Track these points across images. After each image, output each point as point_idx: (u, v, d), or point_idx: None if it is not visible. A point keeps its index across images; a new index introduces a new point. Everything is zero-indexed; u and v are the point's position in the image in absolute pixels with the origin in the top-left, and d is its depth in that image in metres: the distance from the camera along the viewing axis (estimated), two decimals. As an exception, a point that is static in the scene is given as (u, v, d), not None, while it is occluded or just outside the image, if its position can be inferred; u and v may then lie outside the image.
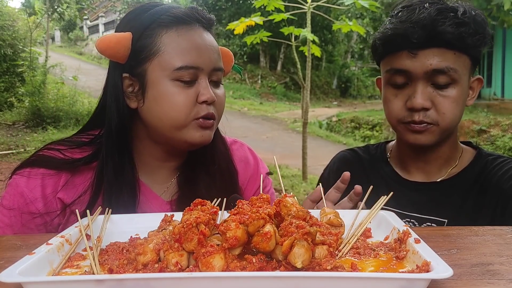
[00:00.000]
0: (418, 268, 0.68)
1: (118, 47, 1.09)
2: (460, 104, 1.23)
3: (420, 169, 1.34)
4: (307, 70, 4.57)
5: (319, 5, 4.31)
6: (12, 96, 11.38)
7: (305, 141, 4.84)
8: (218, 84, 1.16)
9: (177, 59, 1.07)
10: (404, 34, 1.18)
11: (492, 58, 16.31)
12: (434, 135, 1.22)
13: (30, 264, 0.71)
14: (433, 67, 1.17)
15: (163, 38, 1.09)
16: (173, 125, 1.09)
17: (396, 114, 1.25)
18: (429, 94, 1.20)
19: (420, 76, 1.19)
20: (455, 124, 1.25)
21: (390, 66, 1.24)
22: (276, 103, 17.69)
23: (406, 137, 1.25)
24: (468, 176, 1.29)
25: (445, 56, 1.18)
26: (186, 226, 0.72)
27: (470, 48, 1.20)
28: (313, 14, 4.42)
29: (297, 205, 0.82)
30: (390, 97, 1.27)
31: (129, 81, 1.12)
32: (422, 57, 1.18)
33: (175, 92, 1.07)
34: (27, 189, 1.11)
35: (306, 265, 0.69)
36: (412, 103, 1.19)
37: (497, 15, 11.17)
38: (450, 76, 1.18)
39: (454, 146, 1.33)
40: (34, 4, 12.74)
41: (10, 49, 11.60)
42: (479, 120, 10.92)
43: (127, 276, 0.65)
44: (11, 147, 8.62)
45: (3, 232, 1.11)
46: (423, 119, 1.20)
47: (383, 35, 1.24)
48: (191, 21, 1.12)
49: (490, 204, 1.23)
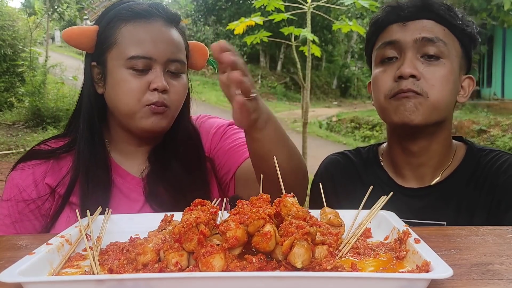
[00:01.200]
0: (418, 268, 0.68)
1: (80, 38, 1.23)
2: (450, 84, 1.20)
3: (413, 173, 1.31)
4: (307, 70, 4.57)
5: (319, 5, 4.31)
6: (12, 96, 11.37)
7: (305, 141, 4.84)
8: (178, 75, 1.23)
9: (131, 49, 1.17)
10: (395, 6, 1.24)
11: (492, 58, 16.32)
12: (423, 109, 1.17)
13: (30, 264, 0.71)
14: (423, 35, 1.19)
15: (121, 31, 1.19)
16: (126, 110, 1.19)
17: (384, 89, 1.22)
18: (419, 65, 1.19)
19: (409, 45, 1.20)
20: (444, 104, 1.20)
21: (381, 41, 1.25)
22: (276, 103, 17.68)
23: (395, 114, 1.20)
24: (462, 176, 1.27)
25: (435, 28, 1.20)
26: (186, 226, 0.72)
27: (460, 31, 1.22)
28: (313, 14, 4.42)
29: (297, 205, 0.82)
30: (379, 75, 1.25)
31: (96, 69, 1.24)
32: (412, 27, 1.21)
33: (128, 79, 1.17)
34: (20, 180, 1.24)
35: (306, 265, 0.69)
36: (400, 71, 1.18)
37: (497, 15, 11.17)
38: (439, 48, 1.19)
39: (447, 145, 1.30)
40: (34, 4, 12.73)
41: (10, 49, 11.60)
42: (479, 120, 10.92)
43: (127, 276, 0.65)
44: (11, 147, 8.63)
45: (3, 223, 1.23)
46: (411, 87, 1.17)
47: (375, 16, 1.30)
48: (149, 15, 1.21)
49: (486, 202, 1.22)
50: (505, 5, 9.31)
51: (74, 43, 1.23)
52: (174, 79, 1.22)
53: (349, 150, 1.50)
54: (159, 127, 1.21)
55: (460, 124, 10.95)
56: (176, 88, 1.22)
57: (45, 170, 1.26)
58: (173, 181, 1.26)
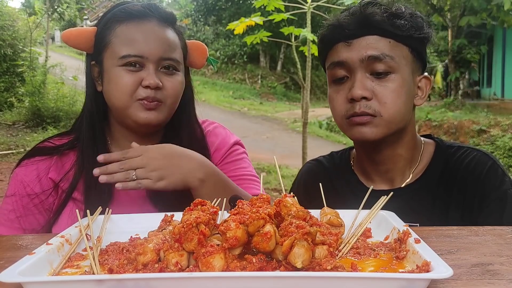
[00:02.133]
0: (418, 268, 0.68)
1: (79, 39, 1.28)
2: (402, 96, 1.19)
3: (382, 177, 1.31)
4: (307, 70, 4.57)
5: (319, 5, 4.31)
6: (12, 96, 11.36)
7: (305, 141, 4.84)
8: (173, 73, 1.26)
9: (123, 48, 1.21)
10: (337, 25, 1.22)
11: (492, 58, 16.33)
12: (379, 128, 1.18)
13: (30, 264, 0.71)
14: (369, 54, 1.17)
15: (116, 31, 1.23)
16: (120, 105, 1.23)
17: (339, 110, 1.24)
18: (369, 84, 1.18)
19: (357, 65, 1.18)
20: (400, 117, 1.20)
21: (330, 61, 1.25)
22: (276, 103, 17.69)
23: (352, 133, 1.22)
24: (432, 176, 1.27)
25: (380, 44, 1.18)
26: (186, 226, 0.72)
27: (406, 38, 1.19)
28: (313, 14, 4.42)
29: (297, 205, 0.82)
30: (333, 95, 1.26)
31: (95, 68, 1.29)
32: (357, 45, 1.19)
33: (120, 75, 1.22)
34: (24, 175, 1.28)
35: (306, 265, 0.69)
36: (351, 94, 1.18)
37: (497, 15, 11.18)
38: (387, 63, 1.17)
39: (412, 147, 1.29)
40: (34, 4, 12.73)
41: (10, 49, 11.59)
42: (479, 120, 10.93)
43: (127, 276, 0.65)
44: (11, 147, 8.62)
45: (8, 218, 1.26)
46: (364, 110, 1.17)
47: (321, 32, 1.28)
48: (142, 15, 1.24)
49: (458, 202, 1.22)
50: (505, 5, 9.31)
51: (73, 44, 1.29)
52: (169, 76, 1.25)
53: (324, 155, 1.50)
54: (154, 121, 1.23)
55: (460, 124, 10.96)
56: (170, 84, 1.24)
57: (49, 165, 1.29)
58: None
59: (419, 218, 1.20)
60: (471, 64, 16.74)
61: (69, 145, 1.31)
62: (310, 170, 1.47)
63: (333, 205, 0.99)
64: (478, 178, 1.21)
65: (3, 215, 1.27)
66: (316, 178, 1.38)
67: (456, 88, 15.70)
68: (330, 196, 1.07)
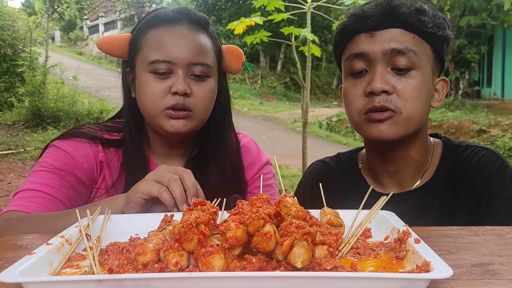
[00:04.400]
0: (418, 268, 0.68)
1: (112, 46, 1.28)
2: (423, 95, 1.16)
3: (392, 179, 1.28)
4: (307, 70, 4.57)
5: (319, 5, 4.31)
6: (12, 96, 11.36)
7: (305, 141, 4.84)
8: (203, 79, 1.23)
9: (152, 53, 1.20)
10: (361, 15, 1.18)
11: (492, 58, 16.32)
12: (398, 126, 1.14)
13: (30, 264, 0.71)
14: (392, 46, 1.13)
15: (147, 36, 1.23)
16: (148, 113, 1.23)
17: (356, 105, 1.18)
18: (390, 78, 1.14)
19: (378, 58, 1.14)
20: (419, 116, 1.17)
21: (349, 53, 1.20)
22: (276, 103, 17.69)
23: (369, 131, 1.17)
24: (442, 178, 1.24)
25: (404, 37, 1.14)
26: (186, 226, 0.72)
27: (430, 36, 1.16)
28: (313, 14, 4.42)
29: (297, 205, 0.82)
30: (349, 88, 1.20)
31: (130, 74, 1.29)
32: (380, 37, 1.15)
33: (149, 83, 1.19)
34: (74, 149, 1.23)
35: (306, 265, 0.69)
36: (371, 87, 1.13)
37: (497, 15, 11.17)
38: (410, 59, 1.13)
39: (424, 149, 1.27)
40: (34, 4, 12.71)
41: (10, 49, 11.59)
42: (479, 120, 10.92)
43: (127, 276, 0.65)
44: (11, 147, 8.62)
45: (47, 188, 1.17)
46: (384, 104, 1.12)
47: (342, 23, 1.24)
48: (173, 20, 1.23)
49: (466, 201, 1.20)
50: (505, 5, 9.31)
51: (107, 50, 1.29)
52: (199, 82, 1.22)
53: (330, 156, 1.46)
54: (182, 130, 1.21)
55: (460, 124, 10.95)
56: (200, 92, 1.21)
57: (97, 150, 1.26)
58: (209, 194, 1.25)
59: (428, 221, 1.18)
60: (471, 64, 16.74)
61: (116, 143, 1.29)
62: (316, 171, 1.43)
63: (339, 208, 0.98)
64: (487, 178, 1.19)
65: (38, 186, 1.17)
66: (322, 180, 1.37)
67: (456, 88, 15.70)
68: (337, 199, 1.05)
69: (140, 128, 1.30)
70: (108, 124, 1.35)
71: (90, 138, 1.27)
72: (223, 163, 1.31)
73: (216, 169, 1.30)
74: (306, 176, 1.47)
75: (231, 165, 1.33)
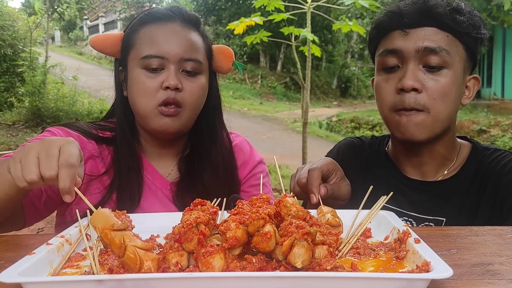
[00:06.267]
0: (418, 268, 0.68)
1: (105, 43, 1.29)
2: (453, 95, 1.18)
3: (415, 169, 1.31)
4: (307, 70, 4.56)
5: (319, 5, 4.31)
6: (12, 96, 11.35)
7: (305, 141, 4.84)
8: (194, 75, 1.24)
9: (145, 49, 1.21)
10: (397, 12, 1.20)
11: (492, 58, 16.31)
12: (426, 128, 1.17)
13: (30, 264, 0.71)
14: (425, 45, 1.15)
15: (139, 33, 1.24)
16: (139, 110, 1.23)
17: (387, 101, 1.22)
18: (420, 76, 1.17)
19: (411, 55, 1.17)
20: (446, 116, 1.20)
21: (383, 48, 1.23)
22: (276, 103, 17.68)
23: (397, 132, 1.21)
24: (467, 175, 1.26)
25: (438, 36, 1.17)
26: (186, 226, 0.72)
27: (464, 36, 1.18)
28: (313, 14, 4.42)
29: (297, 205, 0.82)
30: (381, 83, 1.24)
31: (122, 73, 1.29)
32: (414, 35, 1.17)
33: (141, 79, 1.20)
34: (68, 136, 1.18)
35: (306, 265, 0.69)
36: (402, 84, 1.16)
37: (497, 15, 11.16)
38: (442, 57, 1.16)
39: (451, 146, 1.29)
40: (34, 4, 12.70)
41: (10, 49, 11.58)
42: (479, 120, 10.92)
43: (127, 276, 0.65)
44: (11, 147, 8.61)
45: None
46: (414, 107, 1.16)
47: (378, 19, 1.27)
48: (166, 18, 1.25)
49: (489, 202, 1.21)
50: (505, 5, 9.31)
51: (99, 48, 1.30)
52: (190, 78, 1.23)
53: (366, 136, 1.51)
54: (170, 128, 1.22)
55: (460, 124, 10.95)
56: (191, 88, 1.22)
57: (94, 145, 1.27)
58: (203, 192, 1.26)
59: (446, 215, 1.22)
60: (471, 64, 16.71)
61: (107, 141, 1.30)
62: (351, 144, 1.47)
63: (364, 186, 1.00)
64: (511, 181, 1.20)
65: None
66: (355, 154, 1.42)
67: (456, 88, 15.66)
68: (367, 178, 1.09)
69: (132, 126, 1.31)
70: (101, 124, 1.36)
71: (84, 133, 1.28)
72: (216, 161, 1.32)
73: (209, 167, 1.31)
74: (338, 146, 1.50)
75: (224, 163, 1.33)
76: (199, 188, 1.28)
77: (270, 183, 1.47)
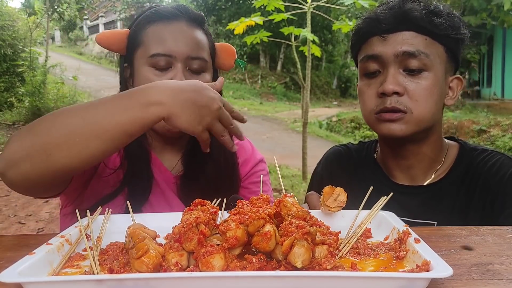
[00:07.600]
0: (418, 267, 0.68)
1: (111, 40, 1.30)
2: (434, 95, 1.19)
3: (404, 173, 1.31)
4: (307, 70, 4.57)
5: (319, 5, 4.31)
6: (12, 96, 11.36)
7: (305, 141, 4.84)
8: (199, 72, 1.27)
9: (153, 47, 1.22)
10: (374, 18, 1.22)
11: (492, 58, 16.33)
12: (408, 124, 1.18)
13: (30, 264, 0.71)
14: (404, 49, 1.17)
15: (146, 31, 1.25)
16: None
17: (369, 104, 1.23)
18: (401, 80, 1.18)
19: (391, 60, 1.18)
20: (429, 116, 1.20)
21: (364, 54, 1.25)
22: (276, 103, 17.69)
23: (380, 128, 1.22)
24: (455, 177, 1.26)
25: (416, 40, 1.17)
26: (186, 226, 0.72)
27: (443, 37, 1.19)
28: (313, 14, 4.42)
29: (297, 205, 0.82)
30: (364, 88, 1.26)
31: (127, 70, 1.31)
32: (393, 40, 1.19)
33: (149, 77, 1.21)
34: None
35: (306, 265, 0.69)
36: (383, 88, 1.18)
37: (497, 15, 11.17)
38: (421, 60, 1.17)
39: (438, 147, 1.29)
40: (34, 4, 12.71)
41: (10, 49, 11.59)
42: (479, 120, 10.93)
43: (127, 276, 0.65)
44: (11, 147, 8.60)
45: None
46: (395, 105, 1.17)
47: (357, 25, 1.29)
48: (172, 16, 1.26)
49: (479, 203, 1.21)
50: (505, 5, 9.31)
51: (105, 45, 1.31)
52: (196, 76, 1.25)
53: (353, 143, 1.52)
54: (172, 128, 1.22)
55: (460, 124, 10.96)
56: None
57: None
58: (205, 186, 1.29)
59: (437, 218, 1.22)
60: (471, 64, 16.75)
61: None
62: (338, 152, 1.49)
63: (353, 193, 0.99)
64: (500, 180, 1.20)
65: None
66: (341, 162, 1.43)
67: (456, 88, 15.67)
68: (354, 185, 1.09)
69: None
70: None
71: None
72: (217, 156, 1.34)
73: (212, 162, 1.34)
74: (326, 155, 1.51)
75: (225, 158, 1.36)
76: (202, 182, 1.30)
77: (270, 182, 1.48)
